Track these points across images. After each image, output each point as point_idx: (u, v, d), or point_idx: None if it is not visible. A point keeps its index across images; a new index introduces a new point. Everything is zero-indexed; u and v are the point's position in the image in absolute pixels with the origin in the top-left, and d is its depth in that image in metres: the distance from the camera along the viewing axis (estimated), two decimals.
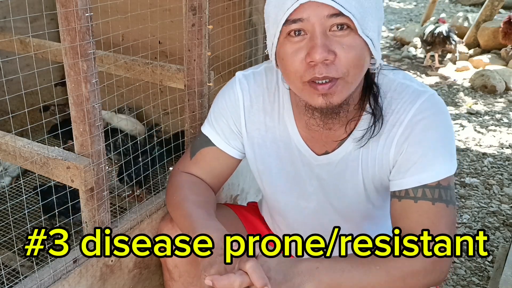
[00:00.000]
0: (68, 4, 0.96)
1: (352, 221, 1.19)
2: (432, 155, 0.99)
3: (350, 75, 0.93)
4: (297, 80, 0.95)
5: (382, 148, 1.05)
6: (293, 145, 1.14)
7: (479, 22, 5.06)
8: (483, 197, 2.57)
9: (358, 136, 1.05)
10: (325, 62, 0.90)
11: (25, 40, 1.79)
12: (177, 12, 1.39)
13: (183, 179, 1.20)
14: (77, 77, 1.03)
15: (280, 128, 1.14)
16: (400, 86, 1.04)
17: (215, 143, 1.19)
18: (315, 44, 0.89)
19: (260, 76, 1.16)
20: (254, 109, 1.16)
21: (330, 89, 0.93)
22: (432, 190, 0.98)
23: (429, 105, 1.01)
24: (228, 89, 1.18)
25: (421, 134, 1.00)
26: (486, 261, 2.05)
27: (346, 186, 1.12)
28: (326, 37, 0.90)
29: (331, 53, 0.90)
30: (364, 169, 1.09)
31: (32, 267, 1.35)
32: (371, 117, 1.03)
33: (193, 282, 1.22)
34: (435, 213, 0.98)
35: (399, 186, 1.02)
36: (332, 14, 0.88)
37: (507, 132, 3.41)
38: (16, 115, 2.16)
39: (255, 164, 1.20)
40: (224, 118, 1.18)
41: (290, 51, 0.93)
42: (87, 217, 1.16)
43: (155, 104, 2.17)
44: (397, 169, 1.03)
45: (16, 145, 1.12)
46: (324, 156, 1.11)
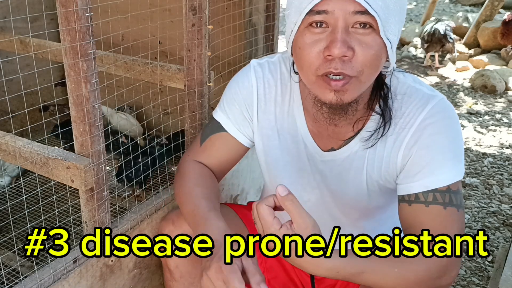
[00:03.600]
0: (68, 4, 0.96)
1: (351, 218, 1.19)
2: (441, 159, 0.99)
3: (365, 75, 0.92)
4: (311, 72, 0.94)
5: (390, 151, 1.04)
6: (299, 139, 1.14)
7: (479, 22, 5.06)
8: (483, 197, 2.57)
9: (365, 136, 1.05)
10: (343, 58, 0.89)
11: (25, 40, 1.79)
12: (177, 12, 1.39)
13: (191, 169, 1.19)
14: (77, 77, 1.02)
15: (288, 120, 1.14)
16: (410, 90, 1.04)
17: (226, 128, 1.19)
18: (336, 39, 0.88)
19: (274, 66, 1.16)
20: (266, 98, 1.15)
21: (343, 87, 0.92)
22: (442, 195, 0.98)
23: (439, 110, 1.00)
24: (243, 76, 1.18)
25: (430, 138, 0.99)
26: (486, 261, 2.05)
27: (348, 184, 1.12)
28: (347, 33, 0.89)
29: (350, 50, 0.89)
30: (369, 170, 1.08)
31: (32, 267, 1.35)
32: (380, 118, 1.03)
33: (194, 282, 1.22)
34: (446, 218, 0.98)
35: (408, 190, 1.02)
36: (358, 11, 0.87)
37: (507, 132, 3.41)
38: (16, 115, 2.16)
39: (263, 154, 1.20)
40: (237, 104, 1.17)
41: (308, 42, 0.92)
42: (87, 217, 1.15)
43: (155, 104, 2.17)
44: (405, 173, 1.03)
45: (16, 145, 1.12)
46: (329, 153, 1.11)
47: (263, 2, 1.80)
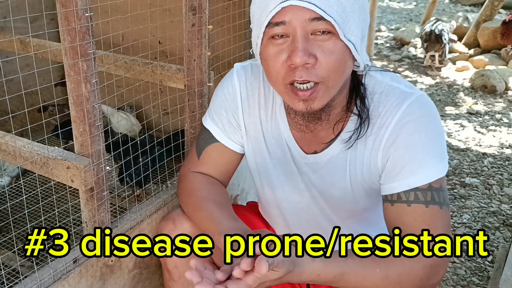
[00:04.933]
0: (68, 4, 0.96)
1: (340, 219, 1.19)
2: (420, 158, 0.98)
3: (331, 80, 0.93)
4: (279, 82, 0.96)
5: (370, 152, 1.04)
6: (283, 142, 1.14)
7: (479, 22, 5.06)
8: (483, 197, 2.57)
9: (345, 138, 1.05)
10: (306, 66, 0.91)
11: (25, 40, 1.79)
12: (177, 12, 1.39)
13: (199, 179, 1.20)
14: (77, 77, 1.02)
15: (272, 123, 1.15)
16: (388, 88, 1.03)
17: (217, 138, 1.20)
18: (296, 48, 0.90)
19: (257, 68, 1.16)
20: (250, 101, 1.16)
21: (311, 96, 0.93)
22: (424, 193, 0.98)
23: (416, 107, 0.99)
24: (226, 81, 1.19)
25: (408, 137, 0.99)
26: (486, 261, 2.05)
27: (333, 186, 1.12)
28: (307, 40, 0.90)
29: (311, 57, 0.90)
30: (351, 172, 1.08)
31: (32, 267, 1.35)
32: (358, 119, 1.03)
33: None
34: (429, 216, 0.97)
35: (390, 190, 1.02)
36: (314, 18, 0.88)
37: (507, 132, 3.41)
38: (16, 115, 2.16)
39: (253, 158, 1.20)
40: (223, 111, 1.18)
41: (272, 53, 0.94)
42: (87, 217, 1.15)
43: (155, 104, 2.17)
44: (386, 173, 1.03)
45: (16, 145, 1.12)
46: (312, 155, 1.12)
47: None
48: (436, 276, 0.97)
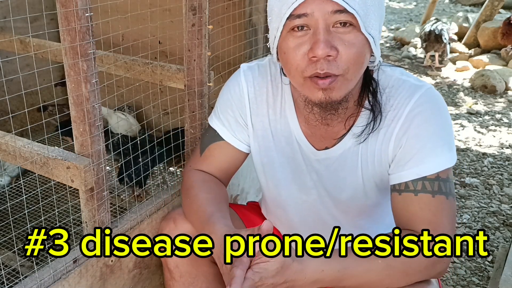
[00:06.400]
0: (68, 4, 0.96)
1: (348, 216, 1.19)
2: (430, 148, 1.00)
3: (350, 72, 0.94)
4: (298, 75, 0.96)
5: (381, 144, 1.06)
6: (293, 139, 1.15)
7: (479, 22, 5.06)
8: (483, 197, 2.57)
9: (357, 132, 1.06)
10: (327, 58, 0.91)
11: (25, 40, 1.79)
12: (177, 12, 1.39)
13: (194, 178, 1.21)
14: (77, 77, 1.02)
15: (281, 122, 1.15)
16: (398, 82, 1.05)
17: (222, 137, 1.20)
18: (318, 40, 0.90)
19: (264, 68, 1.17)
20: (258, 100, 1.16)
21: (330, 85, 0.93)
22: (431, 183, 0.99)
23: (426, 99, 1.02)
24: (233, 81, 1.19)
25: (418, 127, 1.01)
26: (486, 261, 2.05)
27: (344, 181, 1.13)
28: (329, 33, 0.91)
29: (333, 49, 0.90)
30: (363, 165, 1.09)
31: (32, 267, 1.35)
32: (370, 113, 1.04)
33: (194, 282, 1.22)
34: (436, 206, 0.99)
35: (398, 179, 1.03)
36: (336, 10, 0.89)
37: (507, 132, 3.41)
38: (16, 115, 2.16)
39: (259, 157, 1.21)
40: (230, 110, 1.19)
41: (292, 46, 0.94)
42: (87, 217, 1.15)
43: (155, 104, 2.17)
44: (396, 162, 1.04)
45: (16, 145, 1.12)
46: (323, 151, 1.12)
47: (263, 2, 1.81)
48: (442, 264, 0.98)
